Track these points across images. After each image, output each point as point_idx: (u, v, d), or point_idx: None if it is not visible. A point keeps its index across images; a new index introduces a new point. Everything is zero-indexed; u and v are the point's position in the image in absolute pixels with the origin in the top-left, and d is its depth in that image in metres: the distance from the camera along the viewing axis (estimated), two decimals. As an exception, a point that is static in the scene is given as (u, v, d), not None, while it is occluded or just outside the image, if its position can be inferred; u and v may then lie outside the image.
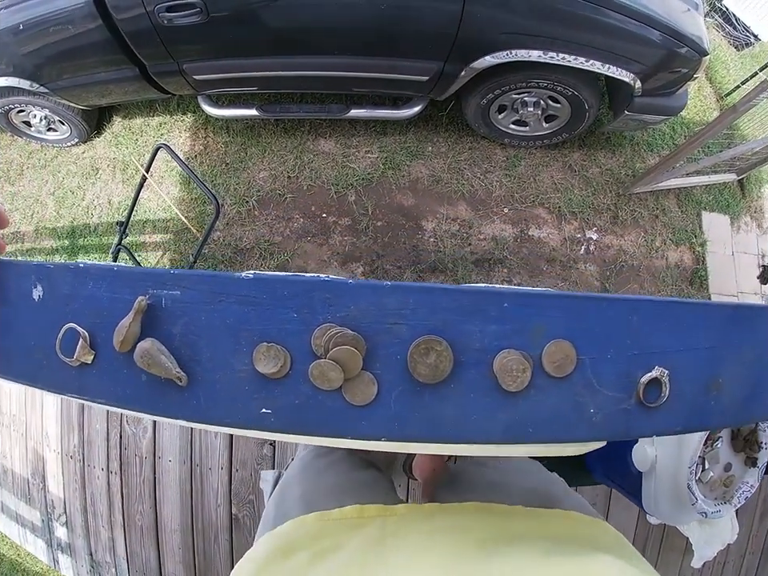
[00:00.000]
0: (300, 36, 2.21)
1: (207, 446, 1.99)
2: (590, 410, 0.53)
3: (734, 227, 3.11)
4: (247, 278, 0.53)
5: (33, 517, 2.44)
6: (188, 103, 2.90)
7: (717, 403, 0.56)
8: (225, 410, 0.54)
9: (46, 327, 0.57)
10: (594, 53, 2.20)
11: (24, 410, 2.35)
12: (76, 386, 0.58)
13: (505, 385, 0.52)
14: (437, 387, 0.53)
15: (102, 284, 0.56)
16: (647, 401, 0.54)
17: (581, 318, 0.53)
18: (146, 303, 0.53)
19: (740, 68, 3.56)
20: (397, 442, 0.54)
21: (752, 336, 0.57)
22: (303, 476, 0.88)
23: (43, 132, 2.90)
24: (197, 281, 0.54)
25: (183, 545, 2.07)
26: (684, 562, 2.16)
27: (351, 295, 0.52)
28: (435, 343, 0.51)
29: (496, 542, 0.61)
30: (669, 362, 0.54)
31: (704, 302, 0.57)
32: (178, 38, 2.20)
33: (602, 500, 2.01)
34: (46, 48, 2.29)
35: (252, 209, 2.71)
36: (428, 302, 0.52)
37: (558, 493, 0.85)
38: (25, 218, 2.97)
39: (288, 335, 0.52)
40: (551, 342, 0.53)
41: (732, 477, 1.35)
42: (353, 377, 0.51)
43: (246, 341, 0.53)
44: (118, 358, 0.55)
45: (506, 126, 2.71)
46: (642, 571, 0.55)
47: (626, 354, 0.54)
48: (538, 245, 2.73)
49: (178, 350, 0.54)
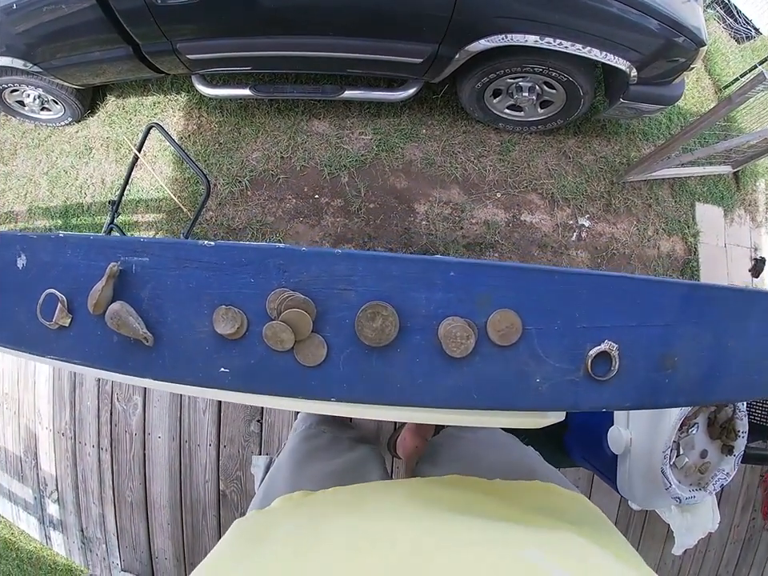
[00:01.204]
0: (294, 16, 2.19)
1: (196, 422, 2.00)
2: (536, 379, 0.55)
3: (727, 219, 3.12)
4: (209, 246, 0.55)
5: (25, 494, 2.46)
6: (182, 83, 2.89)
7: (671, 381, 0.56)
8: (187, 369, 0.56)
9: (29, 293, 0.59)
10: (590, 39, 2.19)
11: (17, 389, 2.37)
12: (55, 349, 0.60)
13: (449, 351, 0.53)
14: (384, 351, 0.54)
15: (78, 252, 0.58)
16: (596, 374, 0.55)
17: (528, 290, 0.54)
18: (118, 269, 0.56)
19: (740, 61, 3.55)
20: (348, 404, 0.56)
21: (711, 317, 0.57)
22: (291, 459, 0.89)
23: (37, 111, 2.88)
24: (163, 248, 0.57)
25: (172, 520, 2.09)
26: (665, 549, 2.19)
27: (304, 262, 0.54)
28: (381, 308, 0.53)
29: (473, 508, 0.63)
30: (620, 336, 0.55)
31: (661, 279, 0.57)
32: (172, 17, 2.19)
33: (585, 484, 2.04)
34: (39, 27, 2.27)
35: (245, 189, 2.71)
36: (376, 269, 0.54)
37: (536, 466, 0.86)
38: (18, 198, 2.96)
39: (245, 299, 0.55)
40: (496, 312, 0.54)
41: (708, 464, 1.37)
42: (303, 339, 0.54)
43: (206, 304, 0.55)
44: (93, 320, 0.58)
45: (501, 110, 2.70)
46: (616, 548, 0.56)
47: (575, 326, 0.55)
48: (530, 230, 2.74)
49: (146, 312, 0.57)
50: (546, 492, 0.73)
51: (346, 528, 0.54)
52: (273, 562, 0.50)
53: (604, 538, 0.59)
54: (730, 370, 0.59)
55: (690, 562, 2.28)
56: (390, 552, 0.47)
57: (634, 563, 0.54)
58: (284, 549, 0.53)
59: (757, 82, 2.09)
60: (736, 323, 0.59)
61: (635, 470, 1.35)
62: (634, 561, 0.55)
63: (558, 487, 0.75)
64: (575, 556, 0.49)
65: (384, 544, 0.48)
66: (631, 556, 0.57)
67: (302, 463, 0.87)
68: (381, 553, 0.47)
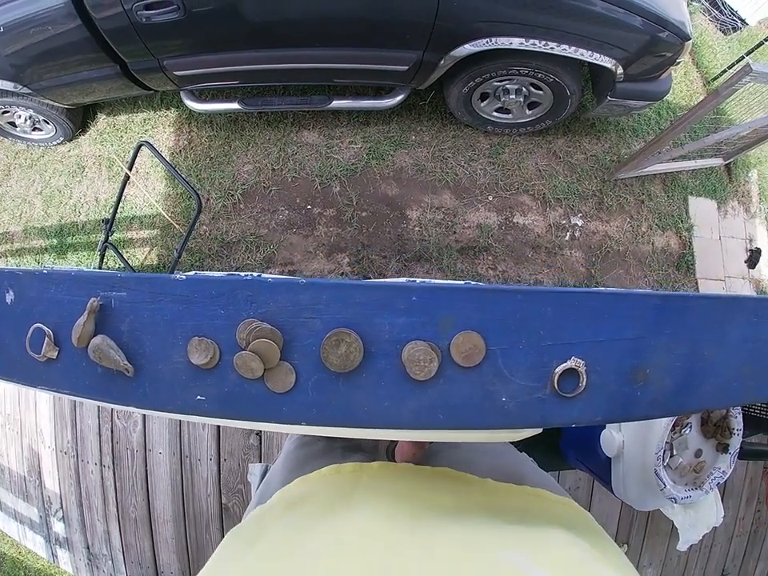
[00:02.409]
0: (279, 29, 2.21)
1: (195, 437, 2.01)
2: (502, 398, 0.55)
3: (720, 212, 3.12)
4: (181, 279, 0.58)
5: (31, 513, 2.47)
6: (171, 99, 2.91)
7: (643, 393, 0.57)
8: (166, 397, 0.59)
9: (18, 327, 0.62)
10: (574, 39, 2.20)
11: (18, 409, 2.38)
12: (44, 379, 0.62)
13: (413, 374, 0.54)
14: (350, 376, 0.56)
15: (62, 287, 0.61)
16: (563, 390, 0.55)
17: (491, 311, 0.55)
18: (98, 304, 0.58)
19: (727, 52, 3.56)
20: (317, 426, 0.58)
21: (684, 326, 0.58)
22: (285, 466, 0.91)
23: (28, 132, 2.91)
24: (139, 283, 0.59)
25: (176, 534, 2.10)
26: (670, 545, 2.18)
27: (271, 292, 0.56)
28: (345, 335, 0.54)
29: (459, 506, 0.64)
30: (587, 352, 0.56)
31: (630, 291, 0.57)
32: (157, 35, 2.21)
33: (586, 485, 2.04)
34: (27, 49, 2.30)
35: (237, 202, 2.73)
36: (340, 297, 0.56)
37: (527, 471, 0.87)
38: (13, 219, 2.99)
39: (216, 330, 0.57)
40: (459, 334, 0.55)
41: (703, 463, 1.37)
42: (272, 366, 0.56)
43: (181, 335, 0.57)
44: (78, 353, 0.60)
45: (489, 113, 2.71)
46: (598, 549, 0.56)
47: (540, 344, 0.55)
48: (523, 232, 2.75)
49: (126, 344, 0.59)
50: (533, 496, 0.74)
51: (329, 531, 0.56)
52: (261, 561, 0.52)
53: (590, 539, 0.60)
54: (707, 378, 0.59)
55: (696, 557, 2.27)
56: (369, 554, 0.48)
57: (619, 565, 0.55)
58: (272, 550, 0.55)
59: (743, 74, 2.09)
60: (712, 331, 0.59)
61: (629, 473, 1.36)
62: (619, 563, 0.56)
63: (546, 492, 0.75)
64: (557, 556, 0.49)
65: (364, 545, 0.50)
66: (617, 558, 0.58)
67: (296, 470, 0.88)
68: (360, 555, 0.48)
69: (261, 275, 0.59)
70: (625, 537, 2.15)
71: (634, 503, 1.45)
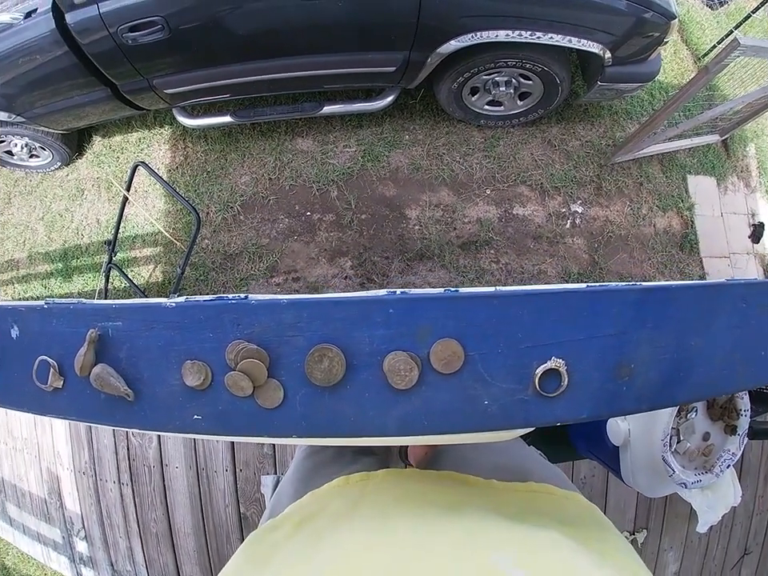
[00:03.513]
0: (264, 40, 2.23)
1: (210, 450, 2.03)
2: (484, 401, 0.57)
3: (720, 188, 3.10)
4: (171, 307, 0.60)
5: (54, 535, 2.50)
6: (164, 117, 2.93)
7: (629, 389, 0.57)
8: (166, 418, 0.62)
9: (25, 360, 0.65)
10: (559, 27, 2.20)
11: (35, 433, 2.41)
12: (53, 408, 0.66)
13: (394, 384, 0.56)
14: (335, 389, 0.58)
15: (62, 320, 0.64)
16: (545, 390, 0.56)
17: (468, 317, 0.57)
18: (97, 334, 0.61)
19: (715, 28, 3.53)
20: (308, 438, 0.61)
21: (667, 318, 0.58)
22: (295, 476, 0.92)
23: (26, 159, 2.94)
24: (132, 312, 0.62)
25: (197, 547, 2.12)
26: (690, 528, 2.18)
27: (254, 314, 0.59)
28: (327, 350, 0.57)
29: (459, 508, 0.64)
30: (568, 351, 0.57)
31: (607, 287, 0.58)
32: (145, 56, 2.23)
33: (601, 471, 2.04)
34: (17, 79, 2.33)
35: (237, 214, 2.75)
36: (320, 314, 0.58)
37: (532, 466, 0.87)
38: (17, 246, 3.02)
39: (206, 352, 0.60)
40: (438, 342, 0.56)
41: (711, 446, 1.36)
42: (261, 384, 0.58)
43: (175, 359, 0.60)
44: (81, 381, 0.63)
45: (481, 107, 2.71)
46: (594, 549, 0.56)
47: (518, 347, 0.57)
48: (524, 223, 2.74)
49: (125, 370, 0.62)
50: (539, 492, 0.75)
51: (334, 544, 0.59)
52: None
53: (594, 537, 0.60)
54: (696, 368, 0.59)
55: (717, 538, 2.26)
56: (370, 561, 0.51)
57: (620, 566, 0.55)
58: (282, 572, 0.57)
59: (732, 48, 2.07)
60: (698, 321, 0.59)
61: (637, 460, 1.35)
62: (620, 563, 0.56)
63: (552, 487, 0.76)
64: (542, 557, 0.50)
65: (366, 555, 0.52)
66: (624, 556, 0.58)
67: (306, 479, 0.89)
68: (360, 564, 0.51)
69: (247, 296, 0.62)
70: (644, 522, 2.14)
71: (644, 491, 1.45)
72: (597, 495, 2.07)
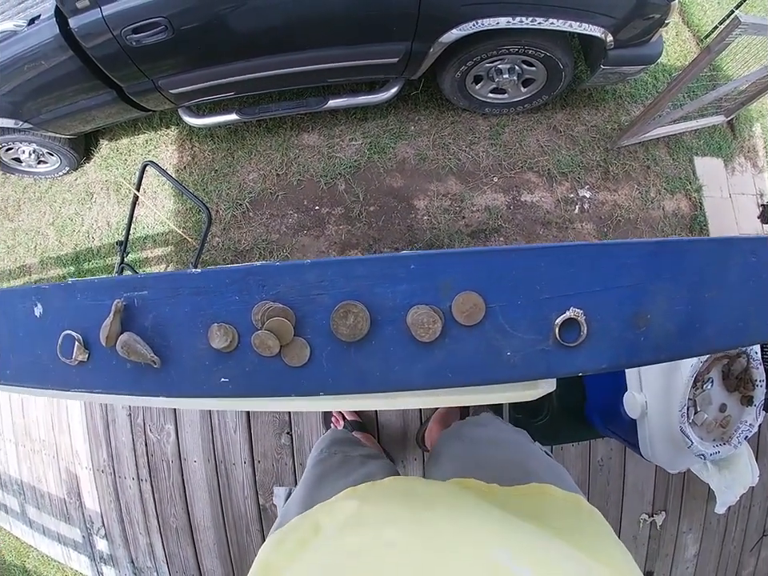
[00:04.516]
0: (266, 36, 2.23)
1: (228, 442, 2.04)
2: (507, 352, 0.58)
3: (728, 169, 3.09)
4: (197, 272, 0.62)
5: (74, 534, 2.52)
6: (170, 117, 2.96)
7: (647, 339, 0.58)
8: (193, 383, 0.63)
9: (48, 337, 0.67)
10: (560, 12, 2.20)
11: (52, 433, 2.43)
12: (78, 382, 0.68)
13: (418, 337, 0.57)
14: (360, 345, 0.60)
15: (86, 294, 0.66)
16: (566, 341, 0.57)
17: (487, 271, 0.58)
18: (122, 304, 0.63)
19: (716, 8, 3.52)
20: (335, 396, 0.62)
21: (681, 271, 0.59)
22: (304, 485, 0.93)
23: (34, 166, 2.97)
24: (158, 280, 0.64)
25: (217, 540, 2.13)
26: (708, 509, 2.17)
27: (279, 275, 0.60)
28: (351, 306, 0.58)
29: (463, 510, 0.65)
30: (585, 302, 0.58)
31: (624, 241, 0.59)
32: (149, 57, 2.24)
33: (618, 454, 2.03)
34: (23, 86, 2.35)
35: (246, 211, 2.76)
36: (344, 272, 0.59)
37: (535, 465, 0.87)
38: (29, 251, 3.05)
39: (233, 315, 0.61)
40: (459, 294, 0.58)
41: (728, 417, 1.36)
42: (288, 343, 0.59)
43: (201, 323, 0.62)
44: (107, 352, 0.65)
45: (485, 95, 2.71)
46: (589, 553, 0.57)
47: (537, 298, 0.58)
48: (532, 209, 2.74)
49: (151, 338, 0.63)
50: (540, 495, 0.75)
51: (341, 546, 0.59)
52: None
53: (589, 540, 0.61)
54: (711, 320, 0.60)
55: (735, 520, 2.25)
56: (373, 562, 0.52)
57: (620, 570, 0.56)
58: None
59: (733, 27, 2.06)
60: (711, 274, 0.60)
61: (655, 433, 1.35)
62: (620, 568, 0.57)
63: (553, 489, 0.77)
64: (545, 559, 0.51)
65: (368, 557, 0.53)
66: (618, 562, 0.58)
67: (314, 485, 0.90)
68: (363, 564, 0.52)
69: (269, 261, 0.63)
70: (662, 504, 2.13)
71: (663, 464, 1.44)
72: (614, 477, 2.06)
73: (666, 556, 2.20)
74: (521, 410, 1.81)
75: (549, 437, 1.82)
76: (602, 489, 2.05)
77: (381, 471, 0.94)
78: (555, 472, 0.86)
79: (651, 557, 2.17)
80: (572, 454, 2.01)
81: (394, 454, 1.94)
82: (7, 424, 2.57)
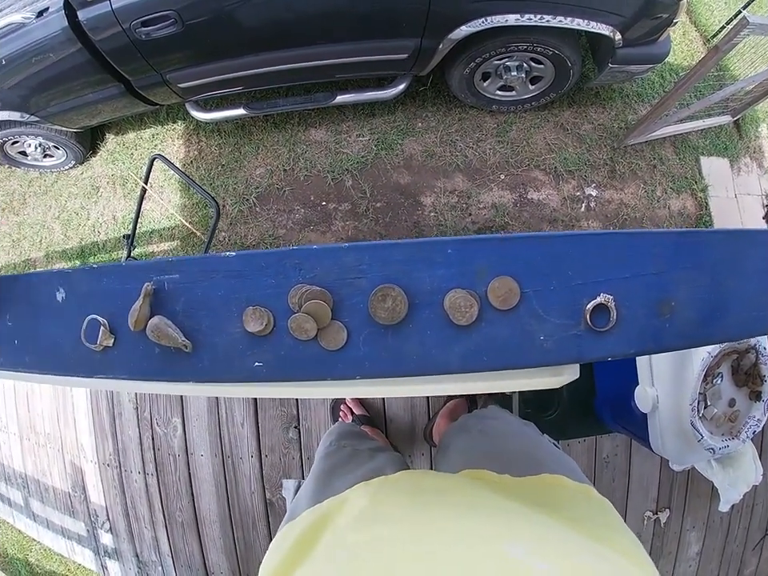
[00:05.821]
0: (275, 31, 2.23)
1: (235, 436, 2.04)
2: (540, 337, 0.59)
3: (734, 169, 3.09)
4: (231, 256, 0.62)
5: (78, 528, 2.52)
6: (177, 111, 2.95)
7: (671, 325, 0.60)
8: (225, 368, 0.63)
9: (71, 322, 0.66)
10: (569, 10, 2.19)
11: (58, 427, 2.43)
12: (103, 368, 0.67)
13: (455, 320, 0.58)
14: (398, 328, 0.60)
15: (113, 278, 0.66)
16: (596, 326, 0.58)
17: (522, 256, 0.59)
18: (152, 288, 0.63)
19: (724, 8, 3.52)
20: (372, 381, 0.63)
21: (702, 260, 0.60)
22: (313, 477, 0.93)
23: (40, 159, 2.96)
24: (190, 264, 0.64)
25: (223, 535, 2.13)
26: (712, 507, 2.18)
27: (317, 258, 0.61)
28: (390, 290, 0.59)
29: (472, 503, 0.66)
30: (615, 288, 0.59)
31: (646, 231, 0.60)
32: (158, 50, 2.24)
33: (624, 450, 2.04)
34: (31, 78, 2.34)
35: (253, 206, 2.76)
36: (381, 256, 0.60)
37: (545, 456, 0.88)
38: (34, 245, 3.04)
39: (268, 298, 0.61)
40: (495, 279, 0.59)
41: (737, 412, 1.37)
42: (325, 326, 0.60)
43: (235, 307, 0.62)
44: (134, 337, 0.64)
45: (492, 92, 2.71)
46: (604, 544, 0.57)
47: (569, 284, 0.59)
48: (539, 207, 2.74)
49: (182, 323, 0.63)
50: (551, 486, 0.76)
51: (356, 541, 0.59)
52: None
53: (601, 531, 0.61)
54: (730, 309, 0.61)
55: (738, 518, 2.26)
56: (384, 557, 0.52)
57: (632, 560, 0.56)
58: None
59: (741, 27, 2.06)
60: (730, 264, 0.61)
61: (665, 427, 1.36)
62: (631, 558, 0.56)
63: (564, 479, 0.77)
64: (558, 552, 0.51)
65: (380, 552, 0.53)
66: (632, 553, 0.58)
67: (324, 479, 0.90)
68: (375, 560, 0.52)
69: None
70: (666, 501, 2.14)
71: (672, 458, 1.45)
72: (620, 474, 2.07)
73: (669, 554, 2.21)
74: (530, 405, 1.81)
75: (556, 432, 1.83)
76: (607, 485, 2.05)
77: (390, 464, 0.94)
78: (565, 463, 0.87)
79: (654, 554, 2.18)
80: (578, 450, 2.01)
81: (401, 448, 1.94)
82: (12, 417, 2.57)
